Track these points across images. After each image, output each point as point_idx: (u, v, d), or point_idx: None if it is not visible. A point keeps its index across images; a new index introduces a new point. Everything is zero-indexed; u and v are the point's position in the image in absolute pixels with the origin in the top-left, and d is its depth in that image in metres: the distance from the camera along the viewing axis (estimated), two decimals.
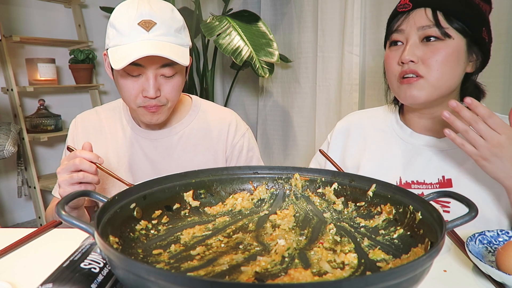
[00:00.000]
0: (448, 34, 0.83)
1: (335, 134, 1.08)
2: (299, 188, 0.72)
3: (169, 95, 0.93)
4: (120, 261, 0.39)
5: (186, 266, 0.50)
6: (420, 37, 0.85)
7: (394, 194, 0.61)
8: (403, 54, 0.85)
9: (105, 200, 0.54)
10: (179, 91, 0.96)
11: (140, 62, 0.86)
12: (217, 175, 0.71)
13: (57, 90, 2.83)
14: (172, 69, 0.90)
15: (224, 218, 0.66)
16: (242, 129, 1.10)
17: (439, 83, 0.85)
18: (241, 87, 2.99)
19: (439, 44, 0.83)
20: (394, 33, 0.89)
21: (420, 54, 0.84)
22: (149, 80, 0.88)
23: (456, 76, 0.86)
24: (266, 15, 2.68)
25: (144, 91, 0.89)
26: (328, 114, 2.48)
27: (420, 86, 0.85)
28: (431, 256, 0.40)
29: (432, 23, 0.83)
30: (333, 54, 2.39)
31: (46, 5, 2.73)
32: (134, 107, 0.94)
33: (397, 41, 0.89)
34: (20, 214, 2.71)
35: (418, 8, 0.85)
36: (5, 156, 1.99)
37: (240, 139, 1.09)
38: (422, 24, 0.84)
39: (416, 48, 0.85)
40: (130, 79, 0.90)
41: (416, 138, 0.95)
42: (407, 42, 0.86)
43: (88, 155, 0.81)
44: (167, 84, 0.91)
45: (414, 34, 0.85)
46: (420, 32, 0.84)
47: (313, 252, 0.54)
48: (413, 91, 0.86)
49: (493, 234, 0.67)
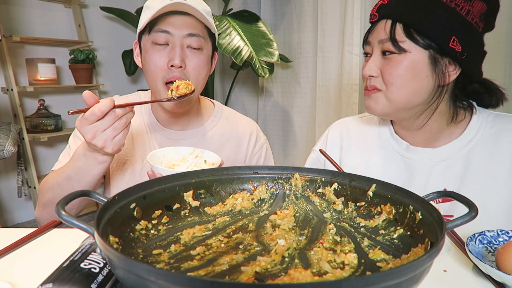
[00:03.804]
0: (403, 48, 0.80)
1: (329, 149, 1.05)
2: (299, 188, 0.72)
3: (194, 71, 0.93)
4: (120, 261, 0.39)
5: (186, 266, 0.50)
6: (380, 50, 0.84)
7: (394, 194, 0.61)
8: (364, 69, 0.86)
9: (105, 200, 0.54)
10: (204, 70, 0.96)
11: (167, 28, 0.90)
12: (217, 175, 0.71)
13: (57, 90, 2.83)
14: (198, 40, 0.93)
15: (224, 218, 0.66)
16: (261, 139, 1.13)
17: (396, 98, 0.83)
18: (241, 87, 2.99)
19: (396, 57, 0.81)
20: (364, 43, 0.89)
21: (380, 67, 0.84)
22: (175, 49, 0.91)
23: (417, 90, 0.82)
24: (266, 15, 2.68)
25: (170, 61, 0.90)
26: (328, 114, 2.48)
27: (377, 98, 0.85)
28: (431, 256, 0.40)
29: (388, 36, 0.81)
30: (333, 54, 2.39)
31: (46, 5, 2.73)
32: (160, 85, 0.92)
33: (367, 53, 0.89)
34: (20, 214, 2.71)
35: (382, 20, 0.84)
36: (5, 156, 1.99)
37: (259, 150, 1.12)
38: (381, 37, 0.83)
39: (376, 62, 0.84)
40: (157, 49, 0.91)
41: (413, 151, 0.92)
42: (371, 55, 0.86)
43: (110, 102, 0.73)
44: (193, 57, 0.93)
45: (376, 47, 0.85)
46: (380, 45, 0.84)
47: (313, 252, 0.54)
48: (370, 103, 0.87)
49: (493, 234, 0.67)
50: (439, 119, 0.88)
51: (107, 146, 0.76)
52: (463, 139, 0.89)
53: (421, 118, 0.88)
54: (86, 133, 0.74)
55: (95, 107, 0.72)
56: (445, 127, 0.89)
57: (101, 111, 0.72)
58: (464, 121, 0.90)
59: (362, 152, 1.00)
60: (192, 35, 0.92)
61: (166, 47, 0.92)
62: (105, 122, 0.74)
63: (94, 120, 0.73)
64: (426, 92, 0.83)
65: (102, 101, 0.74)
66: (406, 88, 0.82)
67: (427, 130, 0.90)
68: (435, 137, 0.90)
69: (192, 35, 0.92)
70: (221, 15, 2.40)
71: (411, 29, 0.79)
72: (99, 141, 0.75)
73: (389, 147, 0.96)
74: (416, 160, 0.91)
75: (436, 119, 0.88)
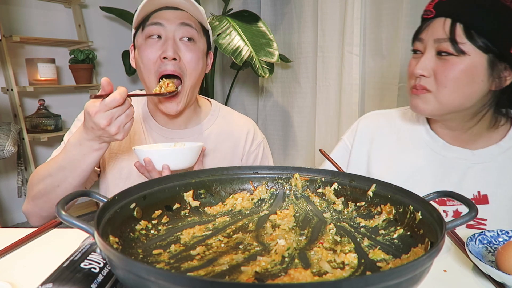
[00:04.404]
0: (463, 51, 0.76)
1: (359, 139, 1.02)
2: (299, 188, 0.72)
3: (190, 64, 0.93)
4: (120, 261, 0.39)
5: (186, 266, 0.50)
6: (436, 49, 0.80)
7: (394, 194, 0.61)
8: (416, 67, 0.82)
9: (105, 200, 0.54)
10: (199, 64, 0.95)
11: (159, 21, 0.90)
12: (217, 175, 0.71)
13: (57, 90, 2.83)
14: (191, 30, 0.93)
15: (224, 218, 0.66)
16: (259, 138, 1.12)
17: (448, 101, 0.80)
18: (241, 87, 2.99)
19: (453, 59, 0.77)
20: (415, 40, 0.85)
21: (433, 67, 0.80)
22: (168, 41, 0.91)
23: (471, 94, 0.79)
24: (266, 15, 2.68)
25: (163, 53, 0.90)
26: (328, 114, 2.48)
27: (426, 99, 0.82)
28: (431, 256, 0.40)
29: (446, 36, 0.77)
30: (333, 54, 2.39)
31: (46, 5, 2.73)
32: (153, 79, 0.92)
33: (417, 50, 0.85)
34: (20, 214, 2.71)
35: (439, 17, 0.79)
36: (5, 156, 1.99)
37: (256, 148, 1.11)
38: (438, 36, 0.79)
39: (429, 62, 0.80)
40: (150, 43, 0.91)
41: (449, 150, 0.90)
42: (423, 53, 0.82)
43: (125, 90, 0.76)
44: (187, 50, 0.93)
45: (431, 45, 0.80)
46: (435, 44, 0.80)
47: (313, 252, 0.54)
48: (419, 103, 0.84)
49: (493, 234, 0.67)
50: (481, 123, 0.86)
51: (119, 133, 0.77)
52: (502, 146, 0.87)
53: (468, 121, 0.86)
54: (102, 119, 0.74)
55: (116, 93, 0.74)
56: (485, 131, 0.88)
57: (122, 97, 0.74)
58: (503, 127, 0.89)
59: (395, 145, 0.97)
60: (184, 25, 0.92)
61: (159, 40, 0.92)
62: (121, 109, 0.75)
63: (114, 106, 0.74)
64: (479, 96, 0.80)
65: (119, 88, 0.75)
66: (459, 92, 0.79)
67: (468, 132, 0.88)
68: (474, 139, 0.89)
69: (184, 24, 0.92)
70: (221, 15, 2.40)
71: (472, 30, 0.76)
72: (113, 127, 0.75)
73: (423, 143, 0.94)
74: (451, 158, 0.90)
75: (479, 122, 0.86)
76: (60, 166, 0.85)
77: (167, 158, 0.83)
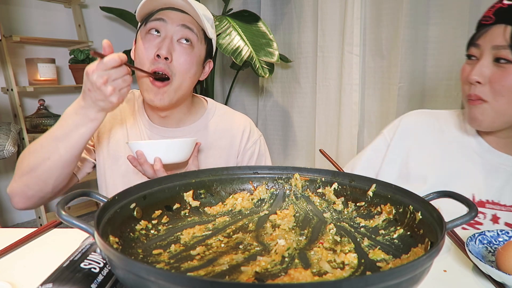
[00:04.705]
0: None
1: (400, 133, 1.00)
2: (299, 188, 0.72)
3: (181, 66, 0.93)
4: (120, 261, 0.39)
5: (186, 266, 0.50)
6: (493, 56, 0.78)
7: (394, 194, 0.61)
8: (471, 73, 0.80)
9: (105, 200, 0.54)
10: (191, 69, 0.95)
11: (162, 17, 0.91)
12: (217, 175, 0.71)
13: (57, 90, 2.83)
14: (191, 34, 0.93)
15: (224, 218, 0.66)
16: (255, 135, 1.12)
17: (505, 110, 0.78)
18: (241, 87, 2.99)
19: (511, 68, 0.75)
20: (471, 45, 0.83)
21: (489, 75, 0.78)
22: (165, 39, 0.91)
23: None
24: (266, 15, 2.68)
25: (158, 50, 0.91)
26: (328, 114, 2.48)
27: (483, 110, 0.80)
28: (431, 256, 0.40)
29: (507, 43, 0.75)
30: (333, 54, 2.39)
31: (46, 5, 2.73)
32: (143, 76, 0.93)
33: (472, 55, 0.83)
34: (20, 214, 2.71)
35: (499, 24, 0.77)
36: (5, 156, 1.99)
37: (252, 146, 1.10)
38: (497, 43, 0.77)
39: (486, 68, 0.78)
40: (148, 39, 0.92)
41: (494, 154, 0.88)
42: (479, 59, 0.80)
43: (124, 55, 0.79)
44: (182, 53, 0.93)
45: (488, 52, 0.78)
46: (494, 51, 0.78)
47: (313, 252, 0.54)
48: (476, 114, 0.82)
49: (493, 234, 0.67)
50: None
51: (114, 95, 0.78)
52: None
53: None
54: (99, 77, 0.76)
55: (115, 54, 0.77)
56: None
57: (120, 58, 0.77)
58: None
59: (438, 145, 0.95)
60: (185, 27, 0.92)
61: (157, 37, 0.92)
62: (118, 71, 0.78)
63: (110, 66, 0.76)
64: None
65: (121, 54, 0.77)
66: None
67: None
68: None
69: (185, 26, 0.92)
70: (221, 15, 2.39)
71: None
72: (108, 88, 0.77)
73: (468, 145, 0.92)
74: (495, 164, 0.88)
75: None
76: (53, 136, 0.85)
77: (159, 151, 0.84)
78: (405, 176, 0.96)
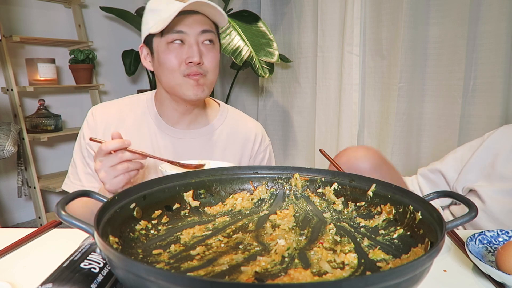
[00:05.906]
0: None
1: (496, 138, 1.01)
2: (299, 188, 0.72)
3: (210, 64, 0.96)
4: (120, 261, 0.39)
5: (186, 266, 0.50)
6: None
7: (394, 194, 0.61)
8: None
9: (105, 200, 0.54)
10: (218, 65, 0.99)
11: (181, 29, 0.93)
12: (217, 175, 0.71)
13: (57, 90, 2.82)
14: (211, 35, 0.96)
15: (224, 218, 0.66)
16: (266, 141, 1.15)
17: None
18: (241, 87, 2.99)
19: None
20: None
21: None
22: (192, 47, 0.93)
23: None
24: (266, 15, 2.68)
25: (188, 58, 0.93)
26: (328, 114, 2.48)
27: None
28: (431, 256, 0.40)
29: None
30: (333, 54, 2.39)
31: (46, 5, 2.73)
32: (179, 78, 0.94)
33: None
34: (20, 214, 2.71)
35: None
36: (5, 156, 1.98)
37: (262, 151, 1.13)
38: None
39: None
40: (173, 48, 0.94)
41: None
42: None
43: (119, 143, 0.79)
44: (208, 53, 0.96)
45: None
46: None
47: (313, 252, 0.54)
48: None
49: (493, 234, 0.67)
50: None
51: (106, 182, 0.80)
52: None
53: None
54: (96, 162, 0.80)
55: (102, 145, 0.78)
56: None
57: (104, 150, 0.78)
58: None
59: None
60: (205, 31, 0.95)
61: (182, 45, 0.94)
62: (110, 160, 0.79)
63: (101, 155, 0.79)
64: None
65: (112, 141, 0.79)
66: None
67: None
68: None
69: (205, 31, 0.95)
70: None
71: None
72: (100, 174, 0.80)
73: None
74: None
75: None
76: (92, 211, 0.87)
77: None
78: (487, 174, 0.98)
